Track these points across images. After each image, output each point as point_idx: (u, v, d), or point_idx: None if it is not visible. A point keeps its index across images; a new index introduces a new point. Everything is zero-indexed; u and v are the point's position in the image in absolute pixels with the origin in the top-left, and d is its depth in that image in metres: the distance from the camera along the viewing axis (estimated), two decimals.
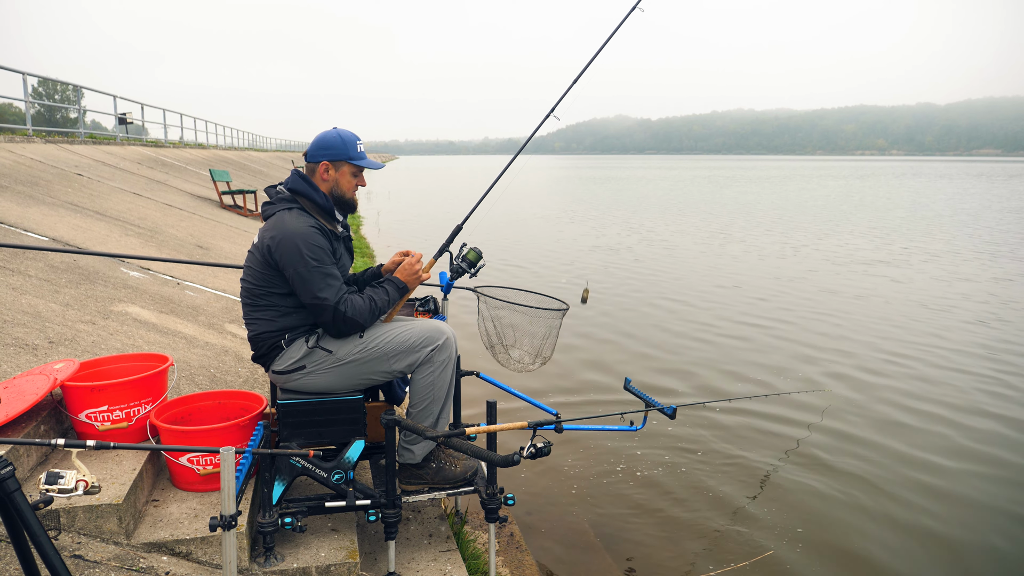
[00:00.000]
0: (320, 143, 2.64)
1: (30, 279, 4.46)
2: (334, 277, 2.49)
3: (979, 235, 16.46)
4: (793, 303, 9.12)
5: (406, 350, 2.60)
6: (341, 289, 2.50)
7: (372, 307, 2.55)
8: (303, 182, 2.61)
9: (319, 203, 2.60)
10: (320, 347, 2.55)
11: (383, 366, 2.61)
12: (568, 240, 15.35)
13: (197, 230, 9.08)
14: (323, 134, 2.67)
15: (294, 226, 2.48)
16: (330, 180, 2.64)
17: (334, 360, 2.56)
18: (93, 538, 2.32)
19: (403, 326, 2.66)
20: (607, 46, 3.29)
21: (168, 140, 24.42)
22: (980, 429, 5.07)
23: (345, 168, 2.65)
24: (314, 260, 2.45)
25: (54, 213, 6.98)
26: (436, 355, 2.63)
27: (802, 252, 13.61)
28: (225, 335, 4.80)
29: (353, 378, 2.60)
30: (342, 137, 2.64)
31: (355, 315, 2.49)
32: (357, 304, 2.51)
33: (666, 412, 3.08)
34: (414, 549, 2.89)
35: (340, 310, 2.46)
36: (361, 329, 2.55)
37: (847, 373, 6.27)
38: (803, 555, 3.56)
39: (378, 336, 2.60)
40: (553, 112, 3.32)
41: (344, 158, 2.63)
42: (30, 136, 13.75)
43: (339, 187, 2.66)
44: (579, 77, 3.33)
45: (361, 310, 2.51)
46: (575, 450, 4.72)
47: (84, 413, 2.68)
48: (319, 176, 2.63)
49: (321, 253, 2.47)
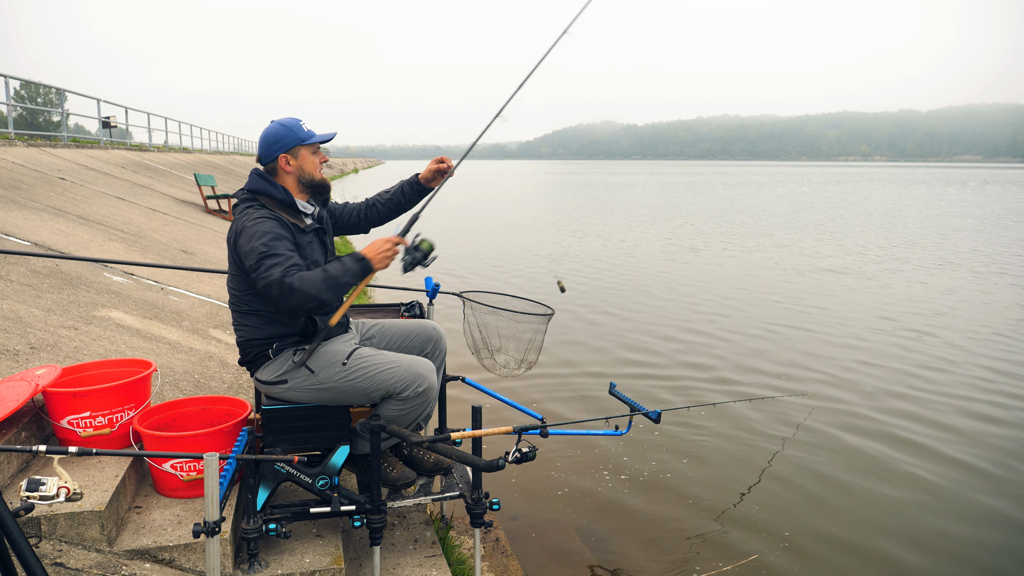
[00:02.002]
0: (267, 140, 2.60)
1: (11, 284, 4.42)
2: (281, 255, 2.38)
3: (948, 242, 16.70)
4: (778, 308, 9.19)
5: (386, 389, 2.56)
6: (291, 268, 2.36)
7: (325, 277, 2.37)
8: (261, 180, 2.59)
9: (278, 198, 2.57)
10: (305, 366, 2.53)
11: (361, 397, 2.60)
12: (549, 243, 15.40)
13: (181, 235, 9.02)
14: (266, 131, 2.63)
15: (250, 217, 2.48)
16: (294, 169, 2.60)
17: (315, 381, 2.54)
18: (75, 545, 2.30)
19: (388, 363, 2.58)
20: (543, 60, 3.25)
21: (153, 144, 24.25)
22: (967, 431, 5.14)
23: (302, 152, 2.61)
24: (260, 244, 2.38)
25: (36, 217, 6.92)
26: (413, 400, 2.59)
27: (779, 257, 13.73)
28: (209, 340, 4.77)
29: (331, 400, 2.60)
30: (285, 125, 2.60)
31: (303, 285, 2.32)
32: (307, 275, 2.36)
33: (651, 416, 3.11)
34: (399, 555, 2.89)
35: (286, 282, 2.31)
36: (316, 300, 2.35)
37: (831, 377, 6.33)
38: (788, 558, 3.59)
39: (363, 367, 2.55)
40: (499, 114, 3.23)
41: (296, 143, 2.59)
42: (11, 139, 13.60)
43: (305, 172, 2.62)
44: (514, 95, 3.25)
45: (312, 281, 2.34)
46: (561, 455, 4.74)
47: (66, 419, 2.66)
48: (282, 171, 2.60)
49: (268, 237, 2.41)
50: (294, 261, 2.39)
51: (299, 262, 2.41)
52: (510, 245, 15.33)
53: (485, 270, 12.03)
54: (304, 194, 2.66)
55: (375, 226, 3.07)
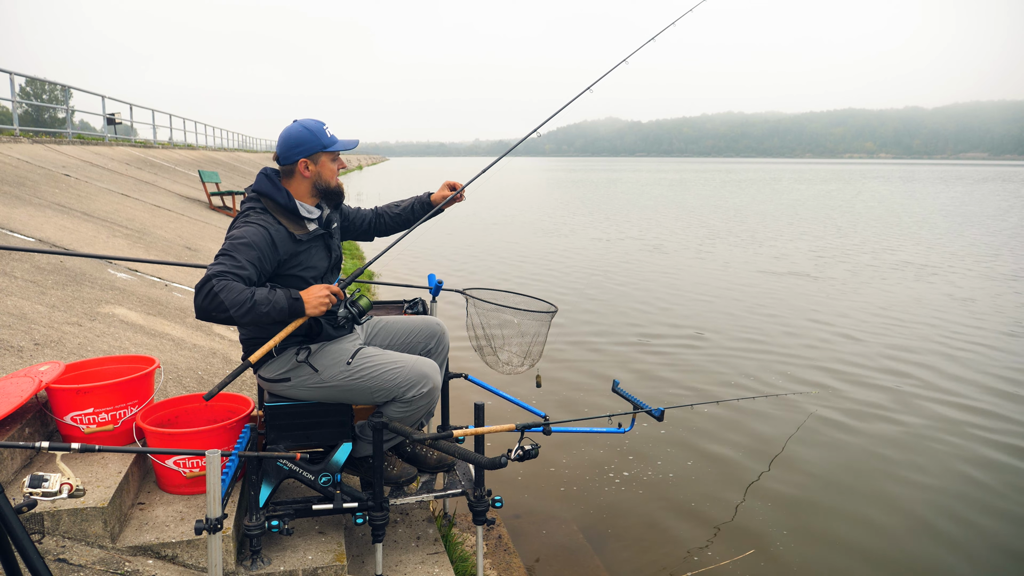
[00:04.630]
0: (289, 141, 2.54)
1: (16, 280, 4.43)
2: (233, 259, 2.29)
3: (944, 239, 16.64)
4: (779, 305, 9.17)
5: (389, 389, 2.56)
6: (231, 273, 2.25)
7: (248, 299, 2.22)
8: (267, 182, 2.55)
9: (281, 203, 2.53)
10: (308, 363, 2.52)
11: (365, 396, 2.59)
12: (555, 241, 15.39)
13: (185, 231, 9.04)
14: (288, 131, 2.57)
15: (239, 218, 2.48)
16: (311, 175, 2.56)
17: (318, 380, 2.53)
18: (77, 542, 2.31)
19: (392, 363, 2.58)
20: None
21: (157, 141, 24.28)
22: (970, 430, 5.12)
23: (323, 158, 2.57)
24: (227, 242, 2.35)
25: (41, 214, 6.93)
26: (417, 401, 2.59)
27: (782, 254, 13.70)
28: (213, 337, 4.78)
29: (334, 399, 2.59)
30: (309, 128, 2.54)
31: (224, 293, 2.19)
32: (233, 287, 2.22)
33: (654, 414, 3.10)
34: (402, 552, 2.89)
35: (212, 281, 2.20)
36: (225, 313, 2.21)
37: (835, 373, 6.31)
38: (787, 553, 3.59)
39: (367, 367, 2.55)
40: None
41: (318, 149, 2.54)
42: (17, 136, 13.64)
43: (322, 179, 2.58)
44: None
45: (236, 295, 2.21)
46: (563, 452, 4.73)
47: (69, 416, 2.66)
48: (299, 174, 2.55)
49: (237, 240, 2.34)
50: (240, 270, 2.28)
51: (247, 275, 2.30)
52: (510, 244, 15.32)
53: (486, 267, 12.03)
54: (314, 198, 2.62)
55: (381, 236, 3.09)
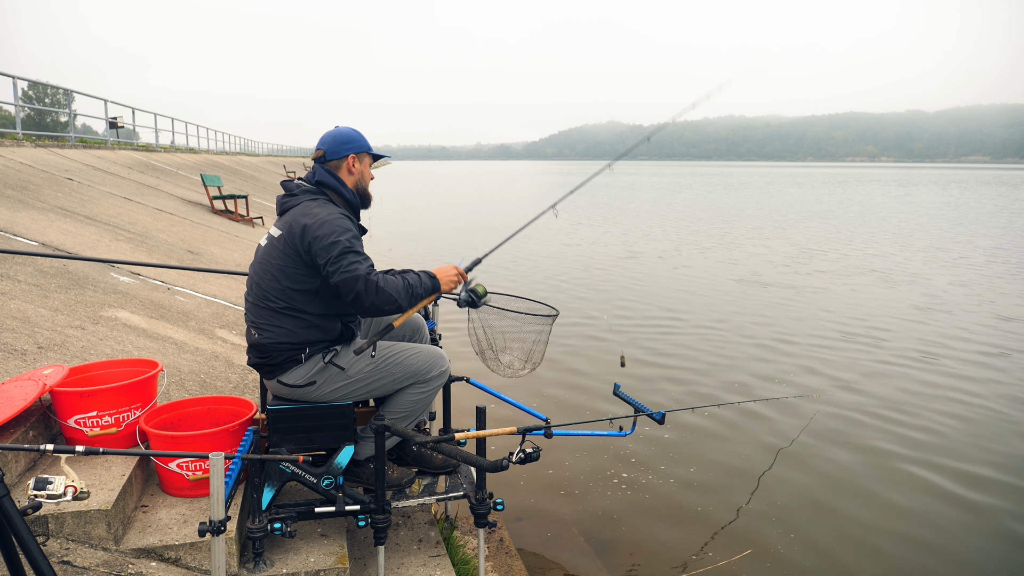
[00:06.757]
0: (340, 138, 2.63)
1: (19, 284, 4.44)
2: (363, 254, 2.44)
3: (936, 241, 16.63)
4: (780, 310, 9.17)
5: (413, 373, 2.64)
6: (372, 267, 2.43)
7: (405, 284, 2.45)
8: (331, 176, 2.60)
9: (347, 198, 2.61)
10: (334, 363, 2.56)
11: (388, 386, 2.65)
12: (556, 242, 15.40)
13: (188, 235, 9.06)
14: (338, 130, 2.65)
15: (327, 211, 2.48)
16: (357, 173, 2.65)
17: (344, 377, 2.58)
18: (81, 544, 2.32)
19: (411, 349, 2.68)
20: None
21: (159, 144, 24.34)
22: (970, 432, 5.12)
23: (367, 159, 2.68)
24: (345, 239, 2.40)
25: (44, 218, 6.96)
26: (436, 380, 2.69)
27: (778, 257, 13.70)
28: (216, 340, 4.79)
29: (356, 394, 2.63)
30: (356, 131, 2.66)
31: (387, 286, 2.39)
32: (389, 279, 2.43)
33: (655, 417, 3.11)
34: (403, 554, 2.90)
35: (372, 279, 2.36)
36: (395, 304, 2.42)
37: (836, 377, 6.31)
38: (786, 555, 3.59)
39: (389, 357, 2.62)
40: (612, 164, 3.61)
41: (366, 149, 2.67)
42: (20, 140, 13.68)
43: (364, 179, 2.69)
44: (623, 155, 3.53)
45: (394, 285, 2.42)
46: (564, 455, 4.74)
47: (73, 419, 2.67)
48: (346, 170, 2.63)
49: (350, 234, 2.44)
50: (372, 262, 2.45)
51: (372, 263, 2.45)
52: (511, 245, 15.32)
53: (487, 269, 12.03)
54: None
55: None
